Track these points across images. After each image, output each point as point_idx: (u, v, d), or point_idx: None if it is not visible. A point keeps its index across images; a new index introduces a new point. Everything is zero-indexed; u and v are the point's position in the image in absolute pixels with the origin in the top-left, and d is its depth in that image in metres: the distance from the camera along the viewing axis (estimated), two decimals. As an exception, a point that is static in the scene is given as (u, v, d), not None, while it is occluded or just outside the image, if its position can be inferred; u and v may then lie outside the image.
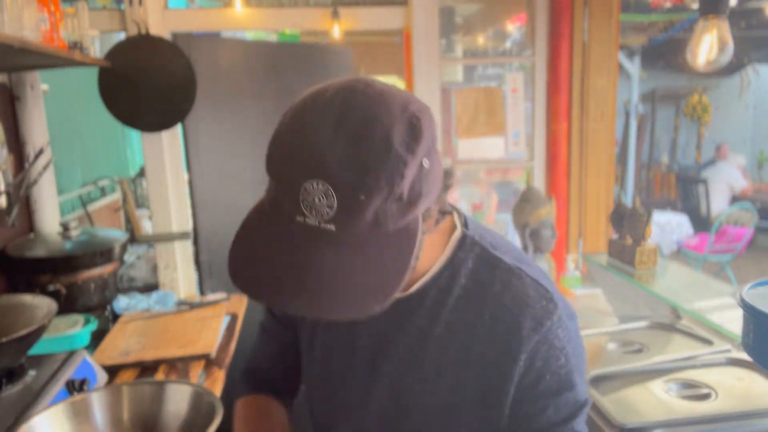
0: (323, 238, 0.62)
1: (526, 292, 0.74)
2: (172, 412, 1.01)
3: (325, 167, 0.60)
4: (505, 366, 0.72)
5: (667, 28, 6.07)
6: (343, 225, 0.61)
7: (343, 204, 0.60)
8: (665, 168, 8.59)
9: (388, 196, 0.60)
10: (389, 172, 0.60)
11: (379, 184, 0.60)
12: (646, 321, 1.65)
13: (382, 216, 0.61)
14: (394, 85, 0.69)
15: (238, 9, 2.52)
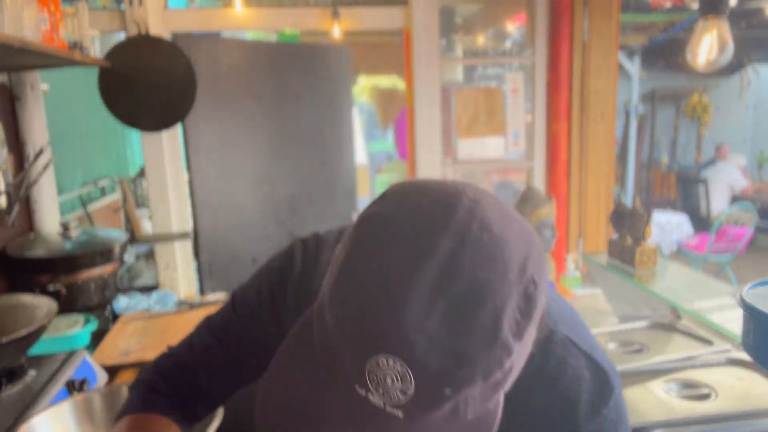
0: (383, 422, 0.49)
1: (582, 375, 0.64)
2: None
3: (411, 347, 0.45)
4: None
5: (667, 28, 6.07)
6: (413, 415, 0.48)
7: (421, 394, 0.46)
8: (665, 168, 8.59)
9: (481, 387, 0.48)
10: (488, 364, 0.47)
11: (473, 378, 0.46)
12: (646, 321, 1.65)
13: (463, 406, 0.48)
14: (507, 209, 0.53)
15: (238, 9, 2.52)
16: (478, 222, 0.49)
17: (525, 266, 0.48)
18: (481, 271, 0.47)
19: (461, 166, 3.56)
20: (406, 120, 2.79)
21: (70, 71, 2.08)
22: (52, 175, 2.13)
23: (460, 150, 3.17)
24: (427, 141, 2.72)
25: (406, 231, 0.48)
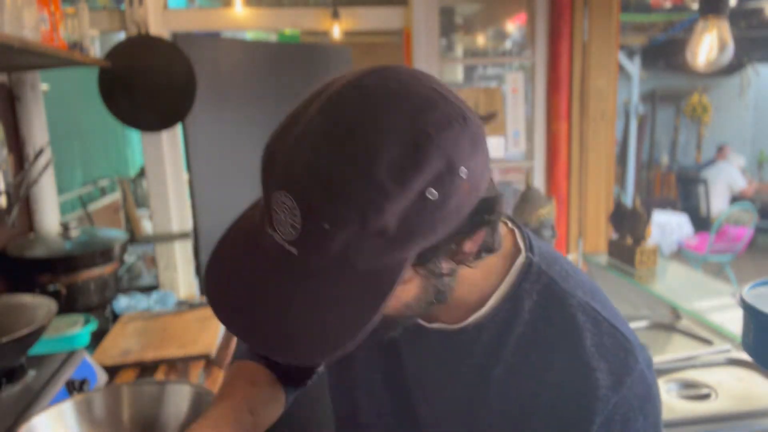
0: (284, 261, 0.52)
1: (602, 342, 0.62)
2: (173, 413, 1.01)
3: (295, 181, 0.50)
4: (577, 425, 0.61)
5: (667, 28, 6.07)
6: (305, 251, 0.51)
7: (306, 227, 0.50)
8: (665, 168, 8.59)
9: (360, 230, 0.49)
10: (363, 203, 0.48)
11: (349, 216, 0.49)
12: (646, 321, 1.65)
13: (352, 251, 0.50)
14: (433, 80, 0.57)
15: (238, 9, 2.52)
16: (380, 76, 0.53)
17: (417, 119, 0.50)
18: (363, 115, 0.50)
19: (461, 166, 3.56)
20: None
21: (70, 71, 2.08)
22: (52, 175, 2.13)
23: (460, 150, 3.16)
24: (427, 141, 2.72)
25: (315, 94, 0.55)
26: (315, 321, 0.52)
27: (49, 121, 2.10)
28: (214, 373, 1.57)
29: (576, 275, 0.68)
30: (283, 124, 0.55)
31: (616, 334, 0.63)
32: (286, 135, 0.53)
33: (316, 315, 0.53)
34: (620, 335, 0.63)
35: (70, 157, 3.19)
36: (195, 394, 1.00)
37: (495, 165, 3.58)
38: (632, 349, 0.62)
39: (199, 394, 1.00)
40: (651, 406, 0.63)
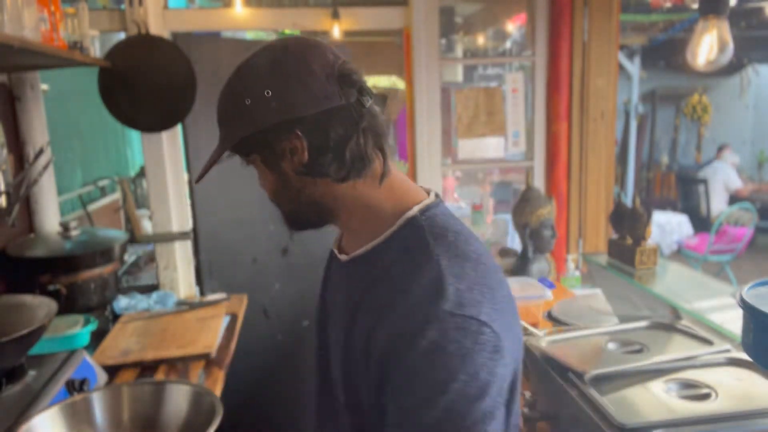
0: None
1: (426, 282, 0.74)
2: (173, 412, 1.04)
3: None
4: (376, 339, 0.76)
5: (667, 28, 6.07)
6: (221, 125, 0.90)
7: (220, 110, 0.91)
8: (665, 168, 8.59)
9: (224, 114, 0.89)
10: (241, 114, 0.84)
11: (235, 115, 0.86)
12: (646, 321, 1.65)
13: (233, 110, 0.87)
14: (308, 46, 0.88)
15: (238, 9, 2.52)
16: (281, 46, 0.90)
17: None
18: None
19: (461, 166, 3.56)
20: (406, 120, 2.79)
21: (70, 71, 2.08)
22: (52, 175, 2.13)
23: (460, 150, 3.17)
24: (427, 141, 2.72)
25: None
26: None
27: (49, 121, 2.10)
28: (214, 373, 1.57)
29: (457, 248, 0.78)
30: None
31: (441, 287, 0.73)
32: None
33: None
34: (445, 290, 0.72)
35: (70, 157, 3.19)
36: (195, 394, 1.04)
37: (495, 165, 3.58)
38: (442, 305, 0.71)
39: (199, 394, 1.04)
40: (465, 364, 0.69)
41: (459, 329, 0.70)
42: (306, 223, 0.88)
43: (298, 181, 0.82)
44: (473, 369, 0.70)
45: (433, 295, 0.72)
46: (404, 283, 0.75)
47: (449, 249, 0.78)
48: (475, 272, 0.77)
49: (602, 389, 1.17)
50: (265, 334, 2.75)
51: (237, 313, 2.08)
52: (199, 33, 2.73)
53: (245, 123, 0.80)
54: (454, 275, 0.74)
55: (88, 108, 3.22)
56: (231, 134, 0.84)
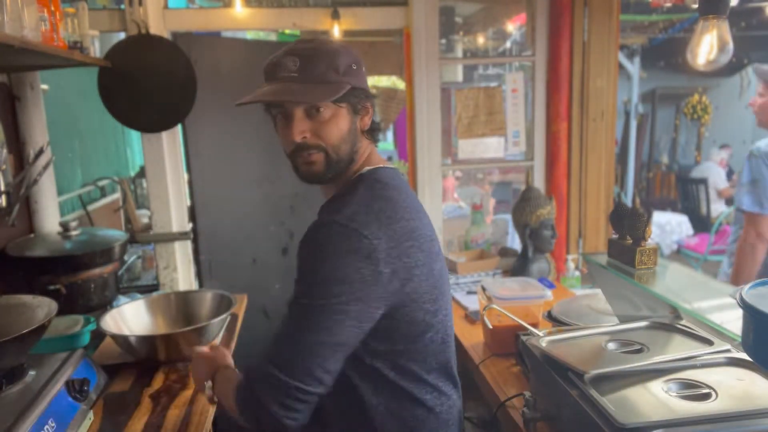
0: (294, 81, 1.11)
1: (321, 220, 1.08)
2: (203, 307, 1.84)
3: (297, 51, 1.12)
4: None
5: (667, 28, 6.07)
6: (303, 75, 1.10)
7: (303, 64, 1.10)
8: (665, 168, 8.59)
9: (328, 66, 1.10)
10: (329, 57, 1.11)
11: (322, 60, 1.11)
12: (646, 321, 1.65)
13: (330, 71, 1.11)
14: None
15: (238, 9, 2.52)
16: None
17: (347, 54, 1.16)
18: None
19: (461, 166, 3.56)
20: (406, 120, 2.79)
21: (70, 71, 2.08)
22: (52, 175, 2.13)
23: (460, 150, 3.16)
24: (427, 141, 2.72)
25: None
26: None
27: (49, 121, 2.10)
28: (214, 373, 1.57)
29: (376, 191, 1.12)
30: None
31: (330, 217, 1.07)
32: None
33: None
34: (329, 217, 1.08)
35: (70, 157, 3.19)
36: (215, 295, 1.85)
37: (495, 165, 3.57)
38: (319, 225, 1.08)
39: (219, 295, 1.84)
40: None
41: (339, 234, 1.02)
42: (335, 171, 1.15)
43: (357, 136, 1.17)
44: (340, 263, 1.01)
45: (333, 212, 1.06)
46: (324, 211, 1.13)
47: (370, 189, 1.12)
48: (380, 205, 1.08)
49: (602, 389, 1.17)
50: (265, 334, 2.75)
51: (237, 313, 2.08)
52: (199, 33, 2.73)
53: (354, 79, 1.12)
54: (358, 203, 1.08)
55: (88, 108, 3.22)
56: (340, 85, 1.10)
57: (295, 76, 1.08)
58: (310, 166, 1.13)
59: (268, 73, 1.13)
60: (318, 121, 1.11)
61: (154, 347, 1.55)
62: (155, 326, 1.78)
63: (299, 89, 1.08)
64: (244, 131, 2.71)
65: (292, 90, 1.08)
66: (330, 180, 1.17)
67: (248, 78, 2.71)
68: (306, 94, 1.08)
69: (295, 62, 1.08)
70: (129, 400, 1.41)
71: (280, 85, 1.09)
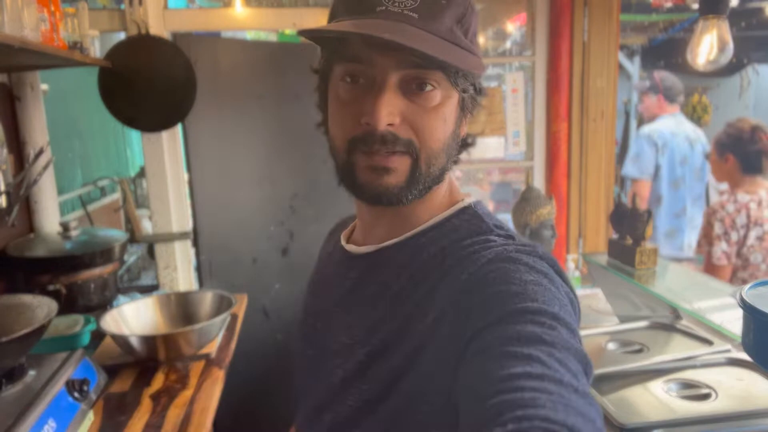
0: (403, 24, 0.63)
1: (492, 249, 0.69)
2: (202, 307, 1.82)
3: None
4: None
5: (667, 28, 6.07)
6: (425, 15, 0.64)
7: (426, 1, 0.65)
8: (665, 168, 8.59)
9: (461, 16, 0.67)
10: (465, 5, 0.68)
11: (459, 5, 0.67)
12: (646, 321, 1.65)
13: (464, 22, 0.68)
14: None
15: (238, 9, 2.52)
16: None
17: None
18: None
19: (461, 166, 3.55)
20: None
21: (70, 71, 2.08)
22: (52, 175, 2.13)
23: (460, 150, 3.16)
24: (427, 141, 2.72)
25: None
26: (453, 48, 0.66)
27: (49, 121, 2.10)
28: (214, 373, 1.57)
29: (510, 233, 0.74)
30: None
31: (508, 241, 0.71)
32: None
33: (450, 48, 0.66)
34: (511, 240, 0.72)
35: (70, 157, 3.19)
36: (215, 296, 1.83)
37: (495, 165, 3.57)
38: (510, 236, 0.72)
39: (220, 296, 1.81)
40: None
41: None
42: (417, 192, 0.71)
43: (458, 141, 0.75)
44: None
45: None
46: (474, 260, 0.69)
47: (505, 233, 0.74)
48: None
49: (602, 389, 1.17)
50: (265, 334, 2.75)
51: (237, 313, 2.08)
52: (199, 33, 2.74)
53: (476, 64, 0.69)
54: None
55: (88, 108, 3.22)
56: (475, 54, 0.70)
57: (413, 17, 0.64)
58: (386, 176, 0.68)
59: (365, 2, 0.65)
60: (418, 104, 0.67)
61: (154, 347, 1.55)
62: (155, 326, 1.78)
63: (423, 37, 0.63)
64: (244, 131, 2.71)
65: (413, 34, 0.62)
66: (404, 204, 0.72)
67: (248, 78, 2.71)
68: (436, 47, 0.63)
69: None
70: (129, 400, 1.41)
71: (388, 22, 0.63)
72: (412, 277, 0.71)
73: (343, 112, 0.69)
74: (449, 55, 0.63)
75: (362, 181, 0.70)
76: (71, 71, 2.09)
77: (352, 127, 0.68)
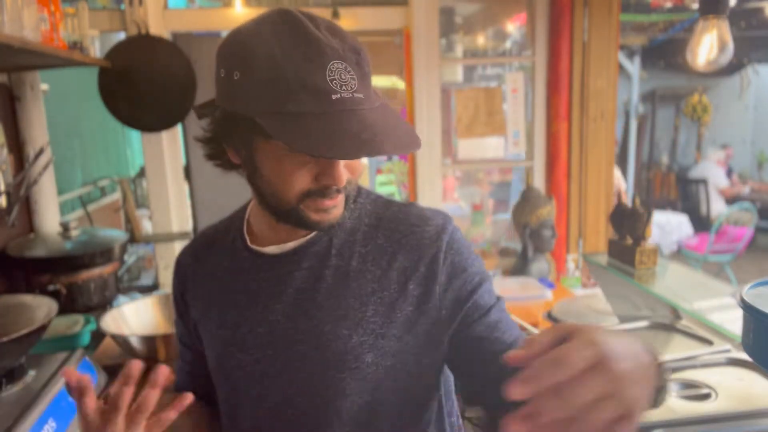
0: (358, 109, 0.71)
1: (424, 213, 0.88)
2: None
3: (339, 53, 0.71)
4: (429, 271, 0.83)
5: (667, 28, 6.07)
6: (367, 95, 0.73)
7: (357, 74, 0.72)
8: (665, 168, 8.59)
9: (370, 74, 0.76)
10: (364, 60, 0.74)
11: (367, 63, 0.75)
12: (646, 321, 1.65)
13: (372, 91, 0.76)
14: None
15: (238, 9, 2.52)
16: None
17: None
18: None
19: (461, 166, 3.56)
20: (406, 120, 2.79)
21: (70, 71, 2.08)
22: (52, 175, 2.13)
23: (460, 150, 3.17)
24: (427, 141, 2.73)
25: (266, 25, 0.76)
26: (404, 126, 0.76)
27: (49, 121, 2.10)
28: (214, 373, 1.57)
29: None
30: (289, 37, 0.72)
31: (432, 209, 0.90)
32: (307, 36, 0.71)
33: (400, 124, 0.76)
34: (434, 209, 0.90)
35: (70, 157, 3.19)
36: None
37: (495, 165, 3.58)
38: (444, 213, 0.89)
39: None
40: (468, 248, 0.87)
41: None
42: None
43: None
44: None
45: (442, 215, 0.89)
46: (405, 223, 0.87)
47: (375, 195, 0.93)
48: None
49: (602, 389, 1.17)
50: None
51: (237, 313, 2.08)
52: (199, 33, 2.73)
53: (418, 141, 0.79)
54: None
55: (88, 108, 3.22)
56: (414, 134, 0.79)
57: (359, 98, 0.71)
58: (335, 210, 0.80)
59: (320, 90, 0.69)
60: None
61: (154, 347, 1.55)
62: (155, 326, 1.78)
63: (386, 124, 0.72)
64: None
65: (378, 127, 0.71)
66: None
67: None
68: (403, 136, 0.73)
69: (351, 74, 0.72)
70: (129, 400, 1.41)
71: (351, 115, 0.70)
72: (361, 254, 0.85)
73: (292, 172, 0.76)
74: (410, 137, 0.74)
75: (314, 221, 0.79)
76: (71, 71, 2.09)
77: (305, 183, 0.76)
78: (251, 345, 0.86)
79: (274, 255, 0.87)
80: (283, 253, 0.87)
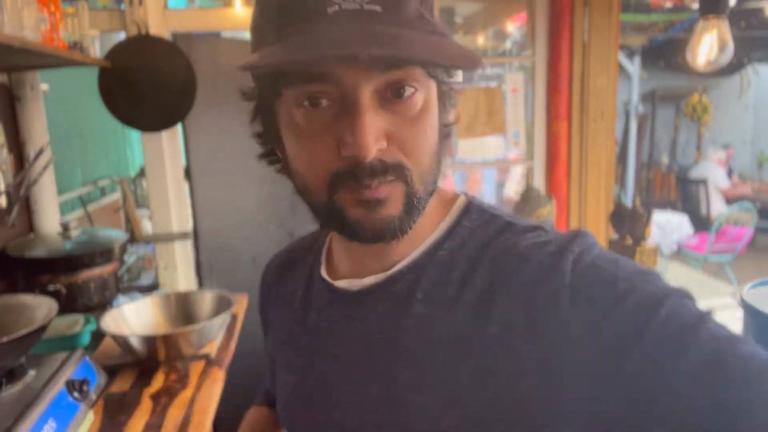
0: (365, 22, 0.50)
1: (543, 236, 0.60)
2: (202, 307, 1.79)
3: None
4: (544, 322, 0.53)
5: (667, 28, 6.07)
6: (389, 6, 0.51)
7: None
8: (665, 168, 8.59)
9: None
10: None
11: None
12: (646, 321, 1.64)
13: (425, 10, 0.54)
14: None
15: (238, 9, 2.52)
16: None
17: None
18: None
19: (461, 166, 3.56)
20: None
21: (70, 71, 2.08)
22: (52, 175, 2.13)
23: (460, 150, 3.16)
24: (427, 141, 2.72)
25: None
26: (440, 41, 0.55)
27: (49, 121, 2.10)
28: (214, 373, 1.57)
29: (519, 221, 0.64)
30: None
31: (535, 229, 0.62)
32: None
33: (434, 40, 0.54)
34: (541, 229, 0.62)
35: (70, 157, 3.19)
36: (215, 296, 1.78)
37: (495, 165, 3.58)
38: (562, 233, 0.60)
39: (220, 296, 1.77)
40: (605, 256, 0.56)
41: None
42: (417, 217, 0.59)
43: (443, 139, 0.64)
44: None
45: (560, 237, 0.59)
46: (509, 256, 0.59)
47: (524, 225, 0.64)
48: None
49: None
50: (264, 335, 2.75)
51: (237, 313, 2.07)
52: (199, 33, 2.74)
53: (470, 57, 0.54)
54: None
55: (88, 108, 3.22)
56: (448, 36, 0.59)
57: (375, 11, 0.51)
58: (381, 209, 0.56)
59: (312, 6, 0.51)
60: (400, 114, 0.55)
61: (154, 347, 1.55)
62: (155, 326, 1.78)
63: (406, 37, 0.51)
64: (244, 131, 2.70)
65: (384, 36, 0.50)
66: (407, 233, 0.58)
67: (248, 78, 2.71)
68: (427, 47, 0.51)
69: None
70: (129, 400, 1.41)
71: (351, 26, 0.50)
72: (454, 298, 0.60)
73: (312, 146, 0.56)
74: (443, 54, 0.52)
75: (354, 221, 0.56)
76: (71, 71, 2.09)
77: (329, 162, 0.55)
78: (318, 403, 0.68)
79: (347, 291, 0.67)
80: (357, 290, 0.66)
